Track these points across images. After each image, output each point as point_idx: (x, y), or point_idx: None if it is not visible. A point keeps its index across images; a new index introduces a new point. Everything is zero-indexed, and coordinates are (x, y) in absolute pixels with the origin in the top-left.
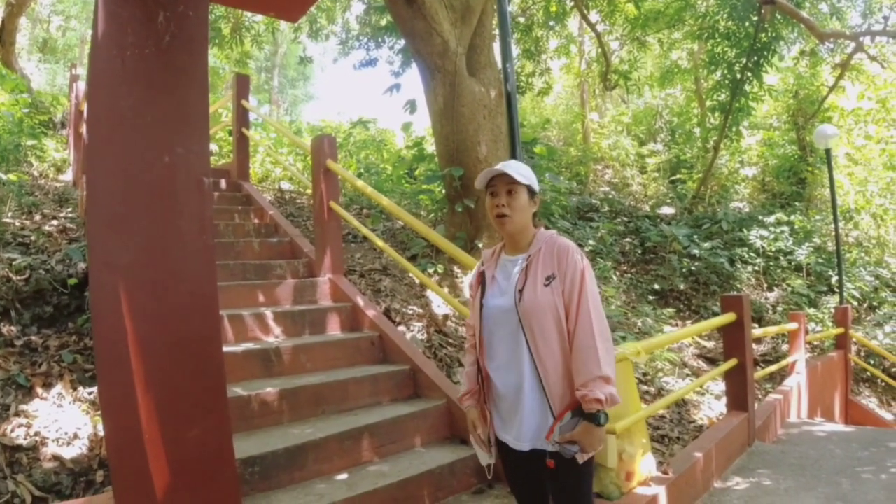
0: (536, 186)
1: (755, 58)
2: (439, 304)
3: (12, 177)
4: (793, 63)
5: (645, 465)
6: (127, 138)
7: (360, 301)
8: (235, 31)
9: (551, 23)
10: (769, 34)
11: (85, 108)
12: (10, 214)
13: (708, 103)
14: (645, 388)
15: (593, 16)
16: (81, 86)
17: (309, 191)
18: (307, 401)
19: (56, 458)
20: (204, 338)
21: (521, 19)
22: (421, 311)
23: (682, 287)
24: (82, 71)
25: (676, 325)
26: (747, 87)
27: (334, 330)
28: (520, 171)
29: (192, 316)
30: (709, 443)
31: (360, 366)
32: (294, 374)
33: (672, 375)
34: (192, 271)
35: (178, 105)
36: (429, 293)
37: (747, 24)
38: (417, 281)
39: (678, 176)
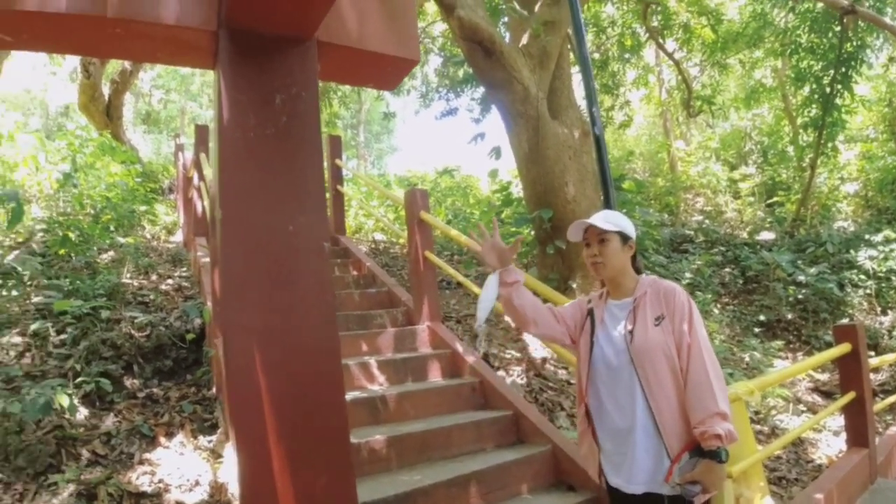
0: (630, 231)
1: (843, 69)
2: (537, 348)
3: (130, 240)
4: (882, 70)
5: None
6: (254, 211)
7: (459, 347)
8: (324, 95)
9: (626, 55)
10: (854, 44)
11: (193, 175)
12: (128, 275)
13: (799, 120)
14: (758, 427)
15: (669, 44)
16: (188, 155)
17: (401, 240)
18: (413, 447)
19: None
20: (329, 389)
21: (596, 55)
22: (519, 354)
23: (789, 317)
24: (185, 140)
25: (787, 357)
26: (838, 101)
27: (435, 377)
28: (608, 219)
29: (317, 369)
30: (829, 483)
31: (462, 412)
32: (399, 421)
33: (786, 412)
34: (316, 327)
35: (297, 178)
36: (525, 336)
37: (830, 35)
38: (513, 324)
39: (775, 199)
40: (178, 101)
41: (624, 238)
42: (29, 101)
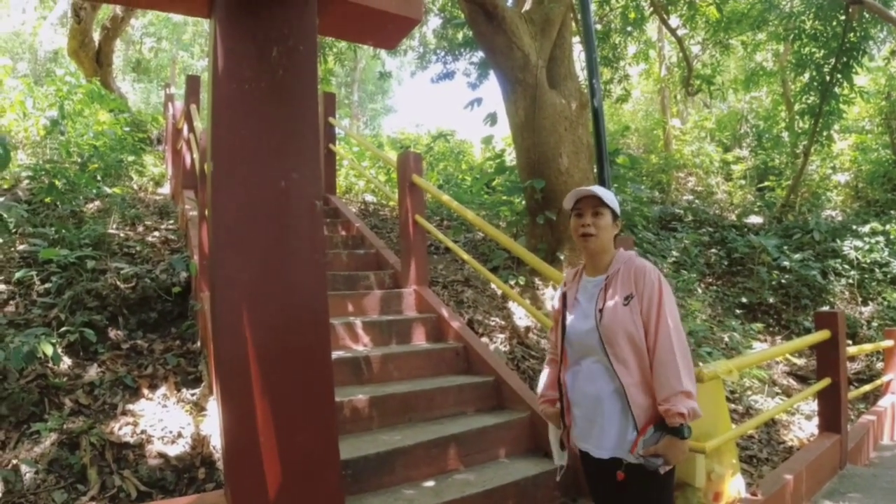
0: (619, 211)
1: (844, 58)
2: (521, 317)
3: (116, 190)
4: (883, 63)
5: (734, 486)
6: (247, 166)
7: (445, 312)
8: (319, 50)
9: (629, 28)
10: (857, 34)
11: (183, 126)
12: (114, 226)
13: (796, 106)
14: (732, 406)
15: (673, 20)
16: (178, 105)
17: (392, 203)
18: (395, 408)
19: (161, 455)
20: (316, 348)
21: (598, 26)
22: (503, 322)
23: (771, 301)
24: (175, 91)
25: (765, 340)
26: (837, 90)
27: (420, 340)
28: (606, 194)
29: (305, 328)
30: (799, 465)
31: (444, 376)
32: (382, 382)
33: (760, 394)
34: (306, 286)
35: (291, 133)
36: (511, 305)
37: (834, 23)
38: (499, 292)
39: (766, 183)
40: (170, 50)
41: (614, 216)
42: (18, 45)
